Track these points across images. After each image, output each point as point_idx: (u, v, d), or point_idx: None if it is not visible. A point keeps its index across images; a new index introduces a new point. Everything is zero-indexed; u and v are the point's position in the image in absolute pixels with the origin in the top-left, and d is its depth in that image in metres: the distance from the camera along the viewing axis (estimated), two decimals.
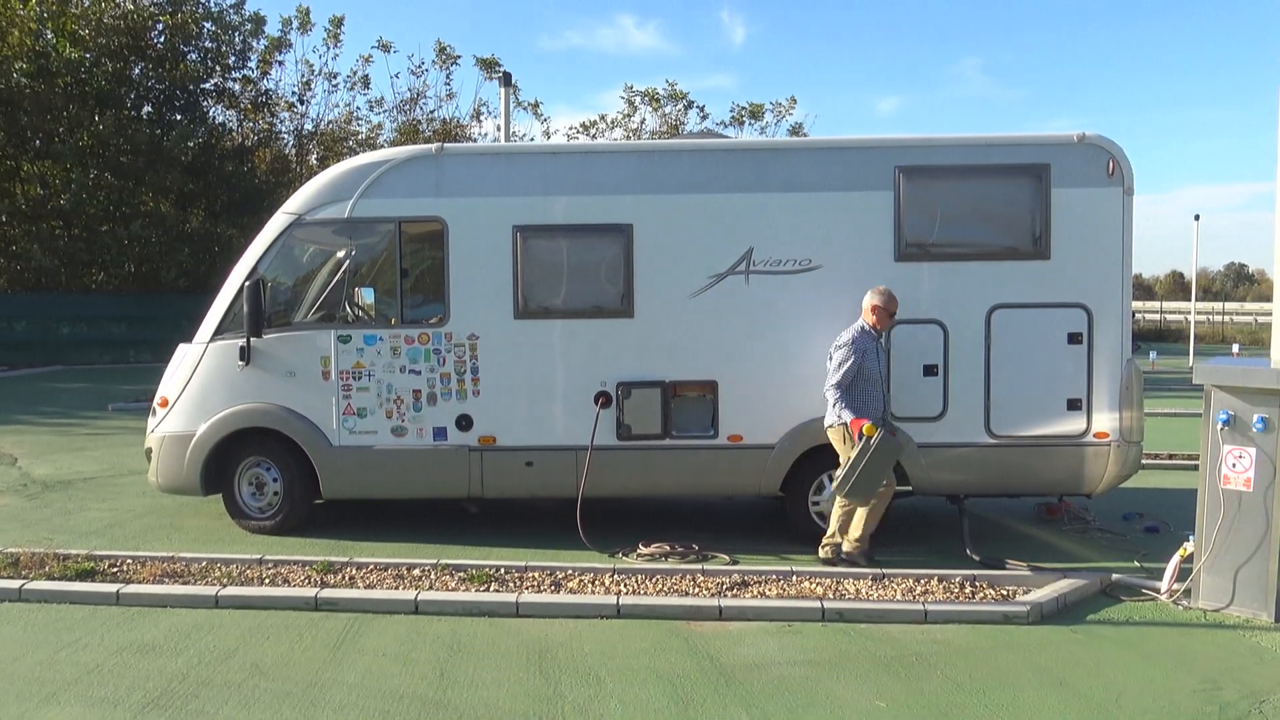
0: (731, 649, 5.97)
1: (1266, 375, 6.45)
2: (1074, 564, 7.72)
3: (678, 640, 6.11)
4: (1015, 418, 8.06)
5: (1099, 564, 7.72)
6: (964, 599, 6.78)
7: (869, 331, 7.66)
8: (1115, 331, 8.03)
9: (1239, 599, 6.58)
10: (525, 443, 8.19)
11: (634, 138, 22.68)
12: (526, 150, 8.53)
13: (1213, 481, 6.64)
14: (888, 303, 7.67)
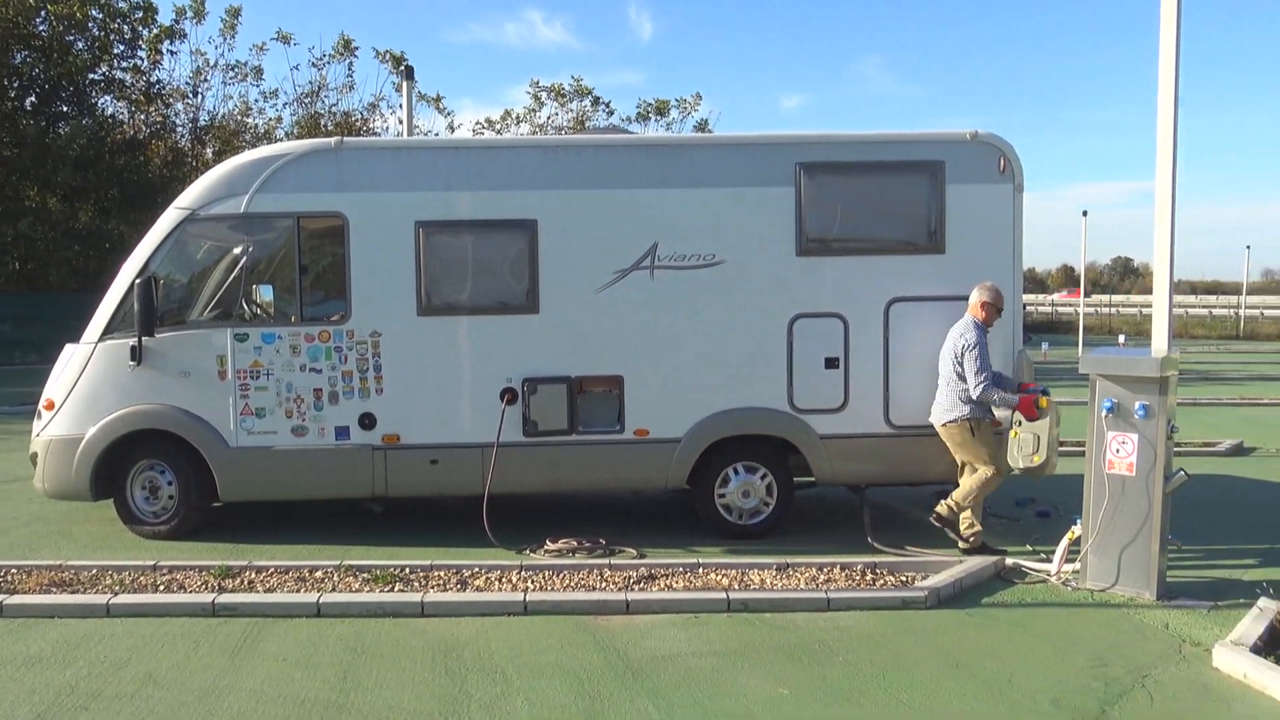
0: (638, 642, 5.99)
1: (1147, 364, 6.72)
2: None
3: (585, 635, 6.11)
4: (913, 408, 8.24)
5: (994, 548, 7.94)
6: (865, 586, 6.92)
7: (980, 325, 7.85)
8: (1008, 323, 8.25)
9: (1123, 579, 6.84)
10: (430, 441, 8.09)
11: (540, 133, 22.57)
12: (429, 145, 8.43)
13: (1098, 467, 6.90)
14: (996, 298, 7.88)
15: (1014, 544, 8.16)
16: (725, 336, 8.16)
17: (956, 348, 7.76)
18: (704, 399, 8.17)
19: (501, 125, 23.94)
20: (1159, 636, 6.11)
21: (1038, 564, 7.46)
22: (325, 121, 27.51)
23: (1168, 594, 6.79)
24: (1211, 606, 6.62)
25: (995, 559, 7.45)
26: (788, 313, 8.17)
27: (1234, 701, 5.18)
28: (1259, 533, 8.48)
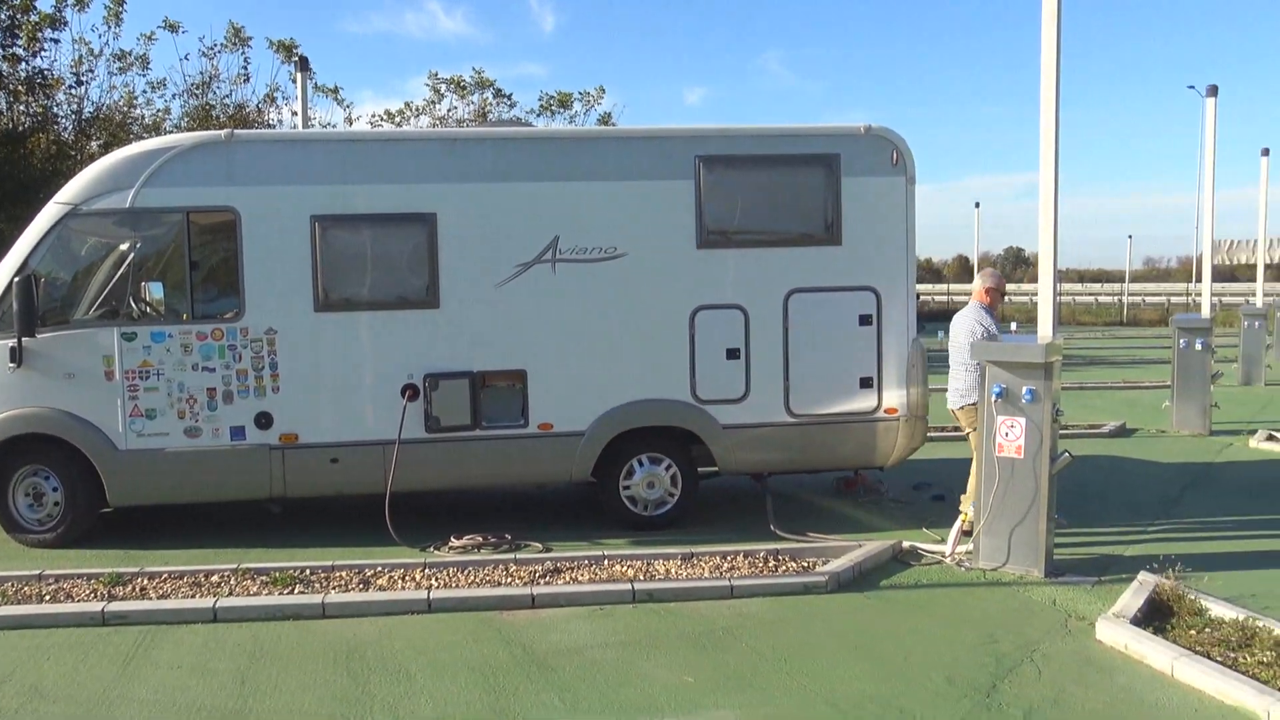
0: (544, 636, 5.99)
1: (1033, 350, 6.96)
2: (869, 534, 8.14)
3: (490, 631, 6.08)
4: (812, 397, 8.39)
5: (892, 532, 8.15)
6: (768, 573, 7.02)
7: (984, 310, 8.06)
8: (902, 312, 8.47)
9: (1014, 558, 7.09)
10: (330, 439, 7.95)
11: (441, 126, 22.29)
12: (324, 137, 8.26)
13: (989, 450, 7.12)
14: (998, 283, 8.15)
15: (910, 527, 8.38)
16: (628, 329, 8.19)
17: (974, 332, 7.87)
18: (608, 392, 8.19)
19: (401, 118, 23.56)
20: (1046, 612, 6.35)
21: (933, 546, 7.67)
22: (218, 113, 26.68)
23: (1055, 571, 7.06)
24: (1095, 582, 6.90)
25: (892, 543, 7.64)
26: (689, 305, 8.24)
27: (1115, 672, 5.41)
28: (1140, 511, 8.86)
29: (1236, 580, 6.87)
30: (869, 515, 8.89)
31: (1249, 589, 6.67)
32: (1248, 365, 18.71)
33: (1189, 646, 5.53)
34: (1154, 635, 5.68)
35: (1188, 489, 9.75)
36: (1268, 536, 8.07)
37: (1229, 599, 6.33)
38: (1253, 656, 5.40)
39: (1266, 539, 8.00)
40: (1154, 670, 5.40)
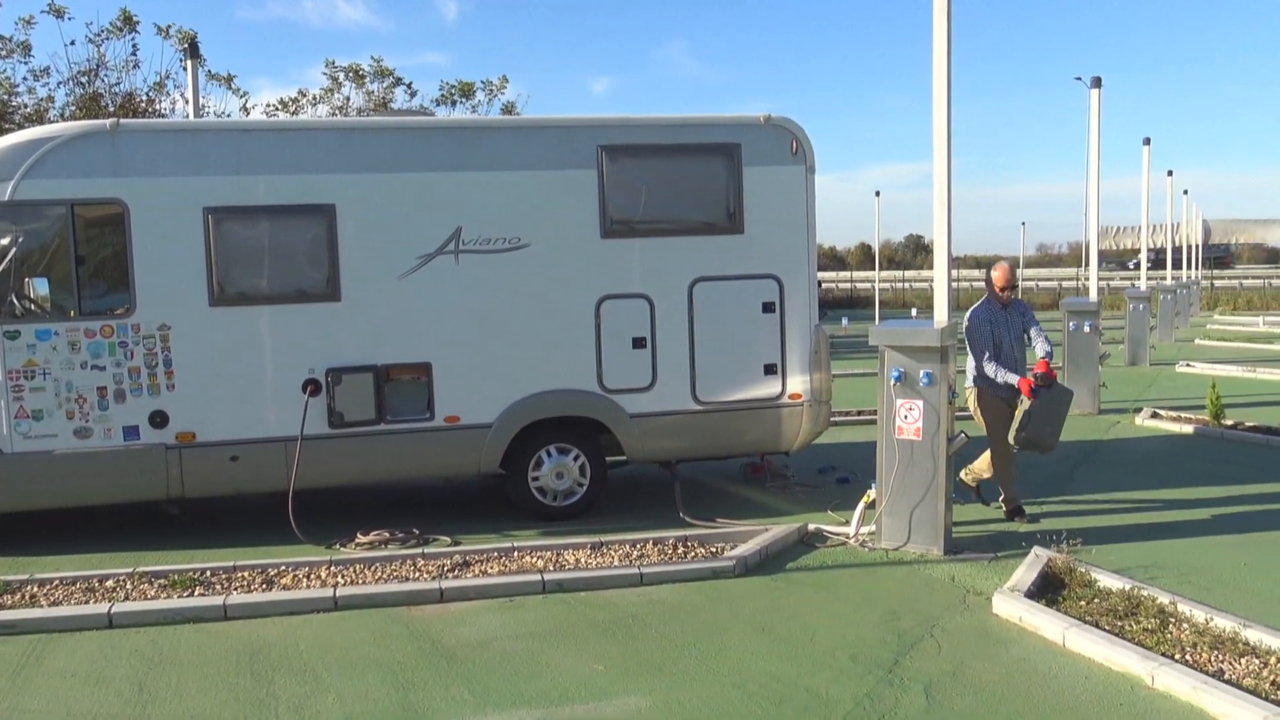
0: (454, 630, 5.95)
1: (929, 335, 7.15)
2: (776, 518, 8.27)
3: (398, 627, 6.02)
4: (718, 384, 8.49)
5: (798, 516, 8.30)
6: (677, 559, 7.09)
7: (990, 303, 8.18)
8: (804, 299, 8.62)
9: (914, 537, 7.28)
10: (229, 437, 7.76)
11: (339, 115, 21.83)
12: (216, 126, 8.04)
13: (889, 433, 7.30)
14: (997, 276, 8.20)
15: (816, 510, 8.54)
16: (533, 320, 8.17)
17: (962, 324, 8.23)
18: (514, 383, 8.16)
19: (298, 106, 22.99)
20: (946, 589, 6.54)
21: (838, 528, 7.84)
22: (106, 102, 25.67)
23: (954, 549, 7.28)
24: (992, 558, 7.14)
25: (798, 526, 7.78)
26: (594, 294, 8.25)
27: (1011, 644, 5.61)
28: (1035, 488, 9.17)
29: (1124, 552, 7.18)
30: (775, 500, 9.03)
31: (1135, 560, 6.97)
32: (1134, 346, 19.47)
33: (1079, 617, 5.76)
34: (1047, 607, 5.90)
35: (1079, 466, 10.13)
36: (1152, 509, 8.44)
37: (1117, 571, 6.61)
38: (1138, 624, 5.66)
39: (1151, 511, 8.36)
40: (1047, 641, 5.61)
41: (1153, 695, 4.93)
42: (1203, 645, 5.35)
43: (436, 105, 23.40)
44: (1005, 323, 8.14)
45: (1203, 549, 7.29)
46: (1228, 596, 6.23)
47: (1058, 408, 7.84)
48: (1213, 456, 10.60)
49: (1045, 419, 7.78)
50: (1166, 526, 7.92)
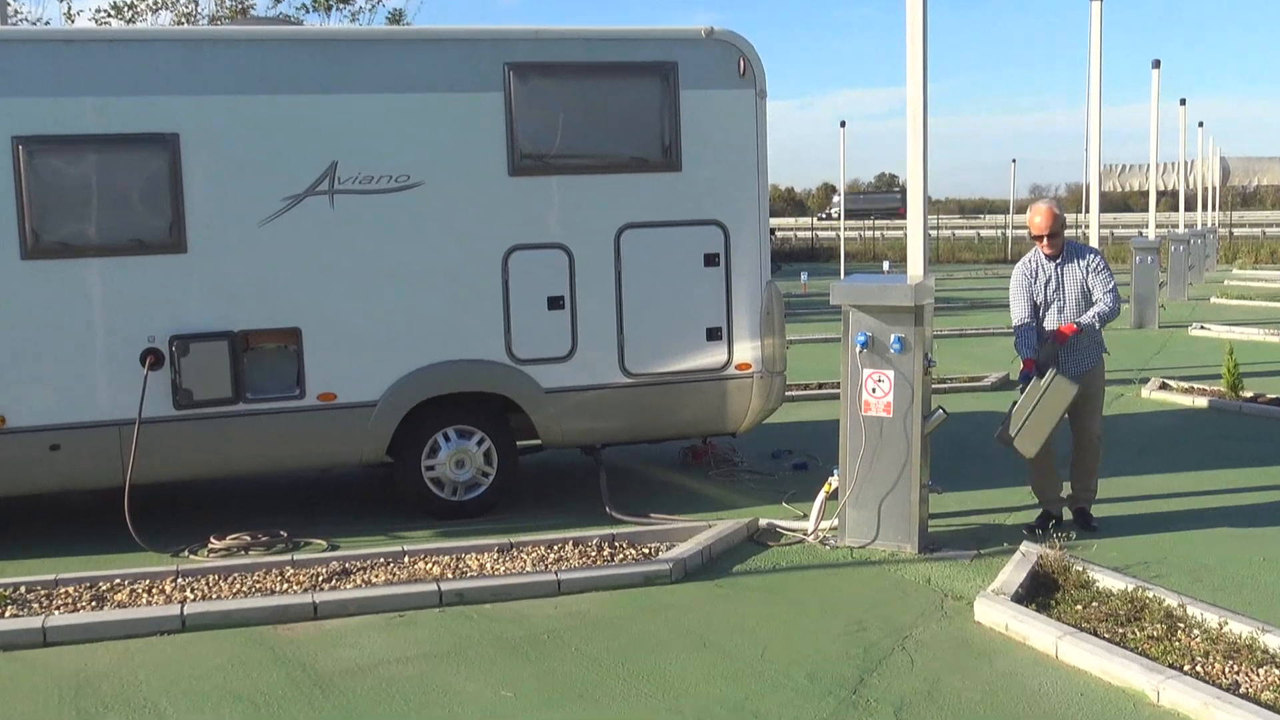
0: (329, 652, 5.90)
1: (901, 292, 7.22)
2: (721, 512, 8.34)
3: (262, 650, 5.95)
4: (652, 352, 8.51)
5: (747, 509, 8.38)
6: (602, 563, 7.11)
7: (1036, 256, 7.69)
8: (754, 250, 8.65)
9: (884, 532, 7.38)
10: (48, 421, 7.56)
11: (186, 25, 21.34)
12: (29, 37, 7.78)
13: (854, 409, 7.37)
14: (1045, 220, 7.52)
15: (769, 502, 8.62)
16: (427, 275, 8.10)
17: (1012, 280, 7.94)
18: (404, 352, 8.10)
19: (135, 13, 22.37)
20: (920, 593, 6.65)
21: (793, 523, 7.92)
22: None
23: (930, 546, 7.40)
24: (974, 555, 7.27)
25: (747, 522, 7.84)
26: (502, 245, 8.20)
27: (995, 656, 5.72)
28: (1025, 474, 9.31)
29: (1126, 547, 7.36)
30: (721, 490, 9.10)
31: (1140, 555, 7.15)
32: (1140, 306, 19.97)
33: (1075, 623, 5.89)
34: (1037, 613, 6.03)
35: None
36: (1160, 496, 8.67)
37: (1118, 568, 6.78)
38: (1142, 630, 5.81)
39: (1159, 499, 8.58)
40: (1037, 652, 5.73)
41: (1158, 713, 5.07)
42: (1216, 654, 5.50)
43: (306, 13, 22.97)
44: (1054, 280, 7.61)
45: (1217, 543, 7.50)
46: (1244, 597, 6.42)
47: (1046, 405, 7.31)
48: (1229, 434, 10.92)
49: (1025, 414, 7.36)
50: (1175, 517, 8.14)
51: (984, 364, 15.38)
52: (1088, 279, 7.56)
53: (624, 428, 8.61)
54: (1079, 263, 7.58)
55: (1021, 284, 7.73)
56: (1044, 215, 7.55)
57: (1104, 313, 7.47)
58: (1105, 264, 7.60)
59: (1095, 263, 7.57)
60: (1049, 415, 7.34)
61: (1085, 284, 7.57)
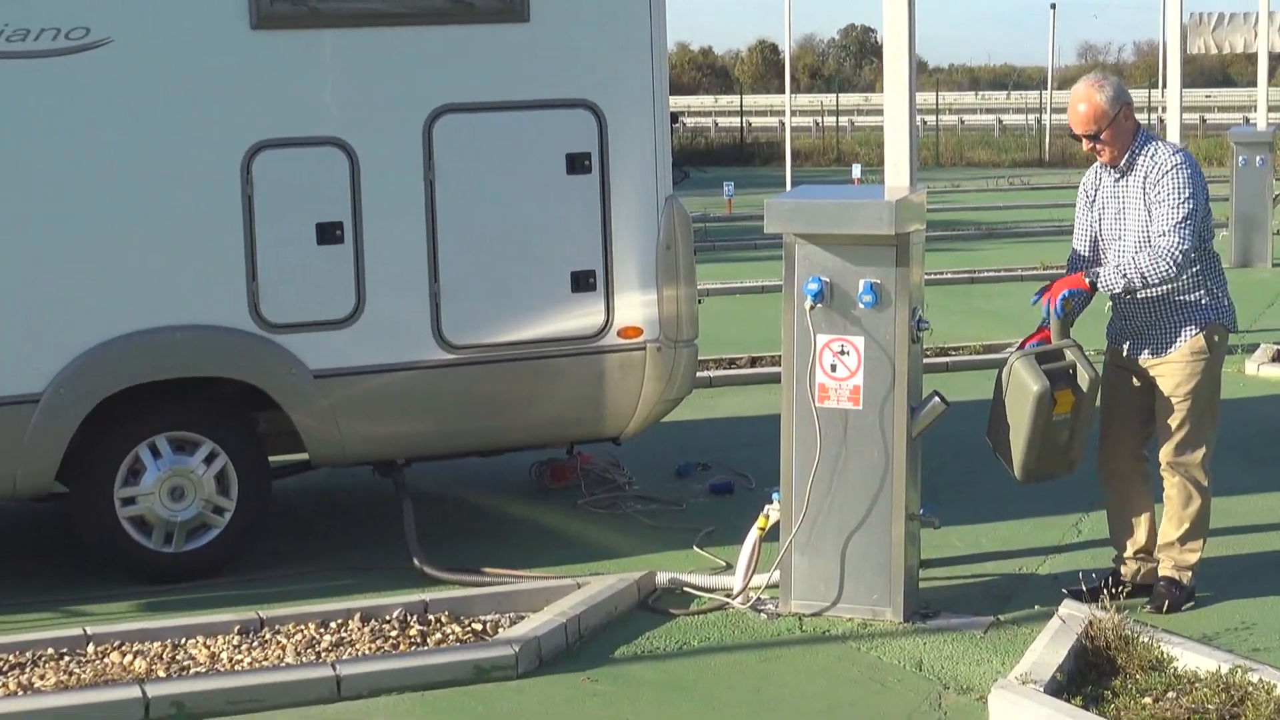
0: None
1: (875, 213, 7.22)
2: (597, 563, 8.38)
3: None
4: (485, 312, 8.55)
5: (639, 557, 8.43)
6: (408, 647, 7.08)
7: (1098, 166, 7.62)
8: (645, 149, 8.71)
9: (851, 591, 7.43)
10: None
11: None
12: None
13: (801, 400, 7.40)
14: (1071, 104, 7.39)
15: (673, 547, 8.69)
16: (120, 190, 8.06)
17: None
18: (83, 318, 8.05)
19: None
20: (907, 684, 6.73)
21: (711, 578, 7.97)
22: None
23: (921, 610, 7.48)
24: (990, 624, 7.38)
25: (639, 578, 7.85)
26: (240, 140, 8.18)
27: None
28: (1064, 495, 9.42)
29: (1219, 606, 7.54)
30: (596, 529, 9.17)
31: (1238, 618, 7.33)
32: (1244, 232, 20.36)
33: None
34: (1085, 711, 6.12)
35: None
36: (1270, 528, 8.91)
37: (1206, 638, 6.92)
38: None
39: (1268, 533, 8.81)
40: None
41: None
42: None
43: None
44: (1114, 201, 7.55)
45: None
46: None
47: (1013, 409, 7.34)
48: None
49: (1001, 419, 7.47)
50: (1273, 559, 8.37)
51: (1006, 325, 15.60)
52: (1154, 189, 7.31)
53: (442, 432, 8.64)
54: (1133, 181, 7.43)
55: (1080, 206, 7.77)
56: (1085, 103, 7.32)
57: (1146, 269, 7.16)
58: (1181, 176, 7.23)
59: (1160, 176, 7.28)
60: (1020, 424, 7.32)
61: (1142, 208, 7.40)
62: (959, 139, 49.87)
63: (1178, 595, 7.52)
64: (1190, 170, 7.24)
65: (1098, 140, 7.34)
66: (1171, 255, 7.08)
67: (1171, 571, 7.56)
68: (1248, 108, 37.32)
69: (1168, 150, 7.39)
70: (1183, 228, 7.10)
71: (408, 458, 8.82)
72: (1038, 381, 7.15)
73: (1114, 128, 7.30)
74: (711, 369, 12.88)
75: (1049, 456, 7.35)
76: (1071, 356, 7.29)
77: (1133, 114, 7.38)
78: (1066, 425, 7.28)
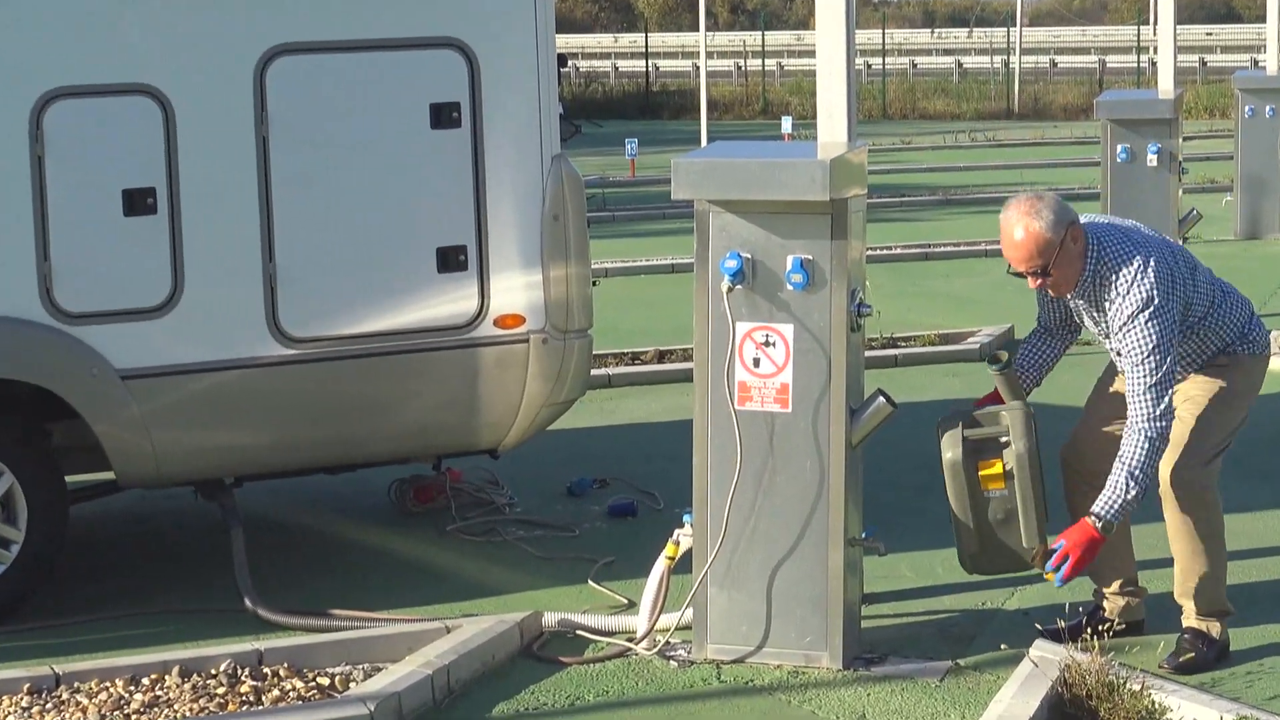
0: None
1: (806, 175, 7.26)
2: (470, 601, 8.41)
3: None
4: (332, 298, 8.57)
5: (523, 594, 8.47)
6: (237, 707, 7.05)
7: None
8: (526, 98, 8.75)
9: (779, 633, 7.47)
10: None
11: None
12: None
13: (720, 399, 7.43)
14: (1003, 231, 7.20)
15: (564, 581, 8.74)
16: None
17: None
18: None
19: None
20: None
21: (610, 619, 8.00)
22: None
23: (865, 655, 7.54)
24: (948, 669, 7.45)
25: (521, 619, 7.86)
26: (28, 89, 8.14)
27: None
28: None
29: None
30: (469, 560, 9.20)
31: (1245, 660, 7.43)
32: (1252, 197, 20.59)
33: None
34: None
35: None
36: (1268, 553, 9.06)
37: (1205, 684, 7.01)
38: None
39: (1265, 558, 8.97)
40: None
41: None
42: None
43: None
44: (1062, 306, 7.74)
45: None
46: None
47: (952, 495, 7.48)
48: None
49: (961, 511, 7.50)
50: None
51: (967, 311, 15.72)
52: (1115, 335, 7.31)
53: (279, 445, 8.64)
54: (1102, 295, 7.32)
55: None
56: (1023, 232, 7.17)
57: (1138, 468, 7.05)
58: (1142, 330, 7.07)
59: (1123, 325, 7.17)
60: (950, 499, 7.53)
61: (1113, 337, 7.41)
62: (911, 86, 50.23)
63: (1205, 652, 7.45)
64: (1154, 310, 7.03)
65: (1045, 275, 7.23)
66: (1148, 435, 7.02)
67: (1196, 621, 7.52)
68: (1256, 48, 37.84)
69: (1126, 281, 7.15)
70: (1153, 390, 7.04)
71: (237, 476, 8.78)
72: (950, 448, 7.32)
73: (1062, 256, 7.14)
74: (610, 365, 12.91)
75: (991, 544, 7.41)
76: (1007, 422, 7.31)
77: (1080, 233, 7.17)
78: (1002, 505, 7.31)
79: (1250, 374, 7.58)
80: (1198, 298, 7.29)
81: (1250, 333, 7.49)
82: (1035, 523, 7.26)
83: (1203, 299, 7.33)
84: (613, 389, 12.46)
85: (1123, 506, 7.02)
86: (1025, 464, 7.23)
